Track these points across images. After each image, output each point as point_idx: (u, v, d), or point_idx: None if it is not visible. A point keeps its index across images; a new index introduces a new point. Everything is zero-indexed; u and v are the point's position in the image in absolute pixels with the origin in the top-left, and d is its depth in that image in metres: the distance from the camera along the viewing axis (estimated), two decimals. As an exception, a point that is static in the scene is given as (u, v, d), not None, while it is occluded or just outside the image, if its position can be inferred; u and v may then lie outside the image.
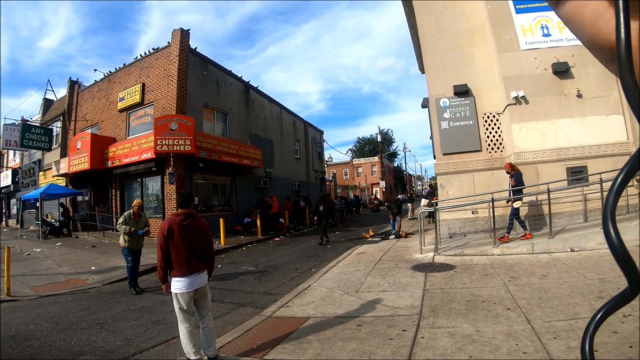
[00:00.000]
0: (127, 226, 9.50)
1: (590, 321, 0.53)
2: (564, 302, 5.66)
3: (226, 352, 5.13)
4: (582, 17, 0.52)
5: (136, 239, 9.75)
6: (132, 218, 9.75)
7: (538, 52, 11.73)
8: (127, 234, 9.54)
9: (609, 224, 0.47)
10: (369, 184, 67.35)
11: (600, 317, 0.53)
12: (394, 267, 9.51)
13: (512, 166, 10.76)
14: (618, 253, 0.47)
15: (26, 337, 6.45)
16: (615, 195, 0.47)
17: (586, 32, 0.53)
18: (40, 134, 25.69)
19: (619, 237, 0.46)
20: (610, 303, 0.53)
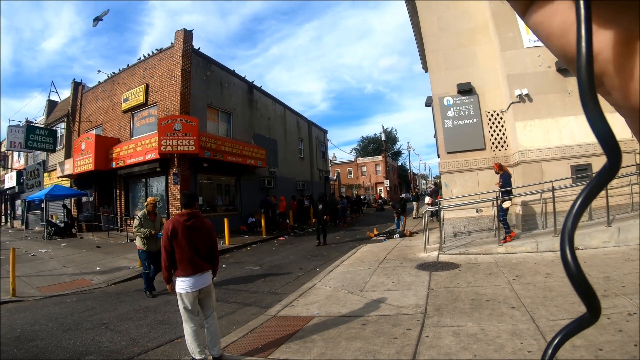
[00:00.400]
0: (145, 229, 8.99)
1: (548, 345, 0.52)
2: (569, 300, 5.64)
3: (231, 351, 5.14)
4: (550, 27, 0.50)
5: (155, 240, 9.05)
6: (147, 218, 9.21)
7: (541, 50, 11.67)
8: (142, 237, 9.02)
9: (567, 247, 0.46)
10: (373, 183, 67.25)
11: (558, 341, 0.52)
12: (398, 266, 9.50)
13: (500, 166, 10.86)
14: (574, 277, 0.46)
15: (31, 337, 6.48)
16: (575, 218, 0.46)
17: (556, 44, 0.51)
18: (44, 135, 25.76)
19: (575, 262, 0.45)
20: (568, 327, 0.52)
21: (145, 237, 9.01)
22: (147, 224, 9.12)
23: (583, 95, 0.43)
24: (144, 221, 9.12)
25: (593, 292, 0.46)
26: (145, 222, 9.12)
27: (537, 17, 0.51)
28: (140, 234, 8.99)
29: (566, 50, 0.50)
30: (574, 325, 0.51)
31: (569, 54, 0.50)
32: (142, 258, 9.16)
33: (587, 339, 4.22)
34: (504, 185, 10.56)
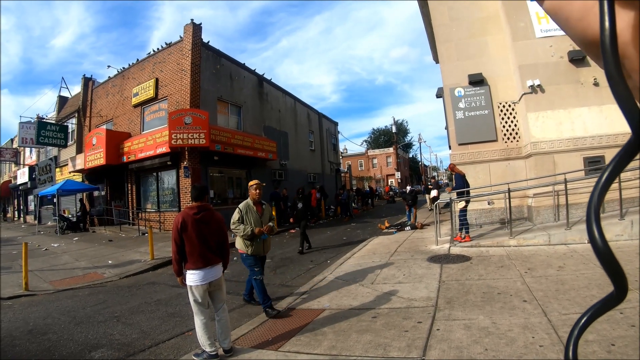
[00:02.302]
0: (248, 227, 6.58)
1: (574, 325, 0.51)
2: (581, 294, 5.60)
3: (241, 344, 5.15)
4: (570, 11, 0.49)
5: (262, 242, 6.83)
6: (252, 210, 6.83)
7: (553, 40, 11.56)
8: (242, 236, 6.66)
9: (593, 223, 0.44)
10: (384, 175, 67.25)
11: (585, 321, 0.51)
12: (409, 259, 9.47)
13: (452, 167, 11.50)
14: (602, 254, 0.44)
15: (44, 330, 6.54)
16: (600, 193, 0.44)
17: (574, 27, 0.50)
18: (55, 131, 25.97)
19: (603, 238, 0.43)
20: (595, 306, 0.50)
21: (249, 238, 6.61)
22: (251, 218, 6.76)
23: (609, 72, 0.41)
24: (247, 214, 6.79)
25: (621, 270, 0.44)
26: (250, 214, 6.79)
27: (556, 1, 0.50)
28: (240, 232, 6.61)
29: (586, 33, 0.48)
30: (600, 304, 0.49)
31: (588, 37, 0.48)
32: (248, 264, 6.79)
33: (600, 334, 4.18)
34: (455, 186, 10.73)
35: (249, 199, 7.03)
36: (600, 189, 0.44)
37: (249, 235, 6.56)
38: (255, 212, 6.85)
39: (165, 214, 19.53)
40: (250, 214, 6.79)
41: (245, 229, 6.57)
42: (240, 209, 6.82)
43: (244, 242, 6.72)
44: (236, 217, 6.74)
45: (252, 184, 7.06)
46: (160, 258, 12.18)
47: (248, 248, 6.70)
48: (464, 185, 10.86)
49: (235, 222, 6.70)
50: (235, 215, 6.76)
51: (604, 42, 0.42)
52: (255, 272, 6.69)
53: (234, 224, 6.70)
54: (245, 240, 6.68)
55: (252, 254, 6.69)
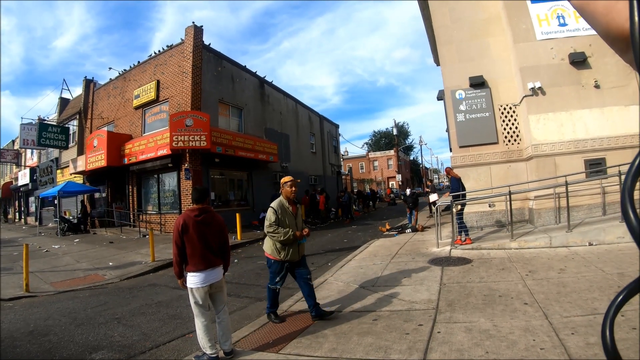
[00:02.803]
0: (289, 230, 5.92)
1: (610, 304, 0.51)
2: (583, 297, 5.59)
3: (242, 346, 5.14)
4: (596, 6, 0.51)
5: (297, 246, 6.15)
6: (287, 210, 6.13)
7: (554, 42, 11.58)
8: (282, 241, 5.90)
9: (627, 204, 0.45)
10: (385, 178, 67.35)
11: (620, 300, 0.51)
12: (410, 261, 9.46)
13: (448, 171, 11.58)
14: (637, 234, 0.44)
15: (45, 332, 6.54)
16: (634, 176, 0.45)
17: (600, 22, 0.51)
18: (57, 132, 26.03)
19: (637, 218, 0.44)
20: (630, 286, 0.50)
21: (286, 242, 5.93)
22: (287, 220, 6.05)
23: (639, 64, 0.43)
24: (282, 214, 6.05)
25: None
26: (284, 215, 6.06)
27: None
28: (280, 236, 5.86)
29: (611, 27, 0.50)
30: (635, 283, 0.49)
31: (613, 31, 0.50)
32: (273, 270, 6.13)
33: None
34: (453, 189, 10.78)
35: (281, 198, 6.29)
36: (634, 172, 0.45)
37: (290, 240, 5.91)
38: (291, 212, 6.19)
39: (166, 216, 19.56)
40: (286, 215, 6.09)
41: (287, 232, 5.88)
42: (275, 209, 6.05)
43: (276, 247, 6.02)
44: (272, 218, 5.96)
45: (287, 180, 6.38)
46: (161, 260, 12.19)
47: (280, 253, 6.00)
48: (459, 188, 10.89)
49: (272, 223, 5.94)
50: (271, 216, 5.99)
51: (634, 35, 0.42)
52: (275, 282, 6.09)
53: (270, 226, 5.94)
54: (277, 244, 5.99)
55: (284, 260, 6.02)
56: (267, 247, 6.18)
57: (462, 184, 11.09)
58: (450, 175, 11.45)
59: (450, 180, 11.49)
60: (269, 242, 6.13)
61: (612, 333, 0.52)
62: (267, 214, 6.13)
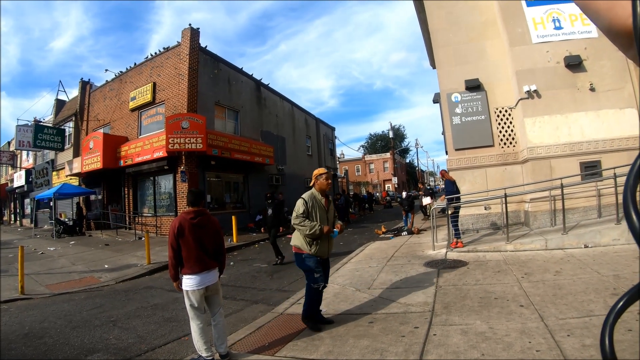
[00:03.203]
0: (316, 224, 5.56)
1: (610, 310, 0.51)
2: (578, 299, 5.60)
3: (238, 349, 5.13)
4: (599, 3, 0.51)
5: (328, 241, 5.92)
6: (318, 203, 5.82)
7: (550, 46, 11.61)
8: (308, 235, 5.58)
9: (629, 204, 0.45)
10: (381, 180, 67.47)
11: (621, 305, 0.51)
12: (406, 264, 9.47)
13: (443, 174, 11.65)
14: (638, 235, 0.44)
15: (40, 334, 6.52)
16: (636, 176, 0.45)
17: (603, 19, 0.52)
18: (52, 134, 25.94)
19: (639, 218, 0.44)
20: (631, 291, 0.50)
21: (312, 236, 5.59)
22: (318, 213, 5.76)
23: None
24: (313, 207, 5.74)
25: None
26: (315, 209, 5.75)
27: None
28: (306, 230, 5.54)
29: (613, 24, 0.51)
30: (635, 290, 0.49)
31: (616, 27, 0.50)
32: (308, 266, 5.67)
33: (597, 338, 4.14)
34: (447, 192, 10.90)
35: (314, 190, 5.95)
36: (637, 172, 0.45)
37: (316, 235, 5.57)
38: (323, 205, 5.87)
39: (162, 219, 19.53)
40: (317, 208, 5.76)
41: (313, 226, 5.52)
42: (305, 201, 5.71)
43: (306, 240, 5.67)
44: (301, 210, 5.63)
45: (322, 172, 6.02)
46: (157, 262, 12.16)
47: (311, 247, 5.63)
48: (453, 191, 10.92)
49: (299, 215, 5.60)
50: (300, 208, 5.66)
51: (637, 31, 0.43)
52: (315, 278, 5.60)
53: (297, 217, 5.60)
54: (307, 238, 5.65)
55: (315, 255, 5.65)
56: (296, 240, 5.79)
57: (456, 187, 11.12)
58: (444, 178, 11.48)
59: (444, 183, 11.52)
60: (299, 236, 5.76)
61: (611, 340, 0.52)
62: (296, 205, 5.77)
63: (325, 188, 5.93)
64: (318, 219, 5.67)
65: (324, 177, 5.93)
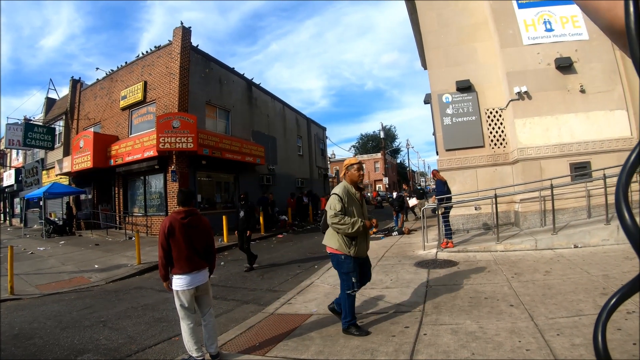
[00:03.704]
0: (353, 219, 5.10)
1: (602, 308, 0.52)
2: (568, 298, 5.63)
3: (228, 349, 5.12)
4: (599, 2, 0.52)
5: (366, 236, 5.48)
6: (353, 197, 5.37)
7: (541, 47, 11.68)
8: (351, 233, 5.12)
9: (621, 202, 0.45)
10: (372, 181, 67.44)
11: (614, 302, 0.52)
12: (397, 264, 9.49)
13: (434, 174, 11.74)
14: (631, 234, 0.44)
15: (30, 335, 6.47)
16: (628, 174, 0.45)
17: (604, 18, 0.53)
18: (43, 133, 25.72)
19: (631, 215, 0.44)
20: (624, 289, 0.51)
21: (354, 234, 5.15)
22: (352, 208, 5.29)
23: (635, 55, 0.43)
24: (349, 202, 5.27)
25: None
26: (351, 203, 5.30)
27: None
28: (347, 227, 5.05)
29: (614, 23, 0.51)
30: (629, 286, 0.49)
31: (616, 26, 0.51)
32: (346, 269, 5.23)
33: (586, 337, 4.21)
34: (438, 192, 11.01)
35: (345, 183, 5.44)
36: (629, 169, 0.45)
37: (358, 232, 5.13)
38: (357, 199, 5.42)
39: (153, 218, 19.44)
40: (353, 202, 5.29)
41: (355, 222, 5.05)
42: (340, 196, 5.19)
43: (344, 240, 5.16)
44: (338, 207, 5.11)
45: (353, 162, 5.51)
46: (147, 262, 12.11)
47: (350, 248, 5.16)
48: (444, 191, 10.96)
49: (337, 212, 5.08)
50: (337, 204, 5.14)
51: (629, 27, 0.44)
52: (352, 283, 5.20)
53: (335, 215, 5.08)
54: (346, 237, 5.16)
55: (354, 256, 5.21)
56: (332, 241, 5.28)
57: (447, 187, 11.16)
58: (436, 177, 11.51)
59: (435, 183, 11.56)
60: (334, 235, 5.25)
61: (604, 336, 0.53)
62: (329, 201, 5.29)
63: (356, 180, 5.46)
64: (355, 215, 5.23)
65: (355, 168, 5.46)
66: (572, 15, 11.63)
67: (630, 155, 0.46)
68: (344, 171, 5.52)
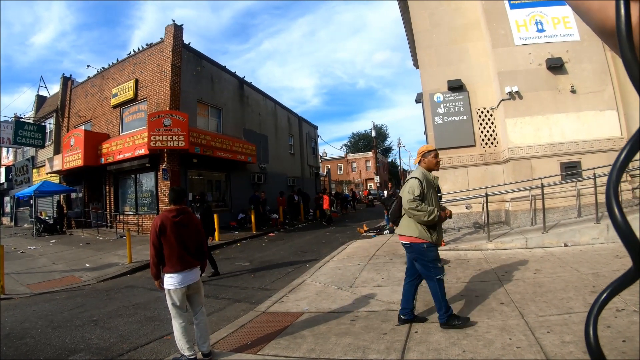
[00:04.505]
0: (431, 208, 4.97)
1: (594, 303, 0.53)
2: (558, 296, 5.67)
3: (220, 347, 5.12)
4: (590, 3, 0.53)
5: (441, 227, 5.41)
6: (432, 183, 5.23)
7: (532, 48, 11.73)
8: (426, 222, 4.96)
9: (612, 198, 0.46)
10: (364, 179, 67.63)
11: (605, 297, 0.53)
12: (388, 262, 9.51)
13: None
14: (621, 230, 0.45)
15: (21, 335, 6.43)
16: (619, 170, 0.46)
17: (595, 19, 0.53)
18: (33, 130, 25.53)
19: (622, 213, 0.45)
20: (614, 283, 0.52)
21: (430, 222, 4.97)
22: (431, 196, 5.18)
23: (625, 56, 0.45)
24: (428, 187, 5.13)
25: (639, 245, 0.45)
26: (430, 189, 5.17)
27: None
28: (424, 215, 4.90)
29: (605, 24, 0.52)
30: (619, 281, 0.51)
31: (607, 27, 0.52)
32: (431, 257, 5.07)
33: (576, 335, 4.25)
34: None
35: (422, 169, 5.24)
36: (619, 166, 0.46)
37: (434, 221, 4.95)
38: (435, 185, 5.31)
39: (144, 217, 19.37)
40: (431, 189, 5.13)
41: (432, 211, 4.89)
42: (420, 180, 5.03)
43: (424, 228, 4.99)
44: (417, 191, 4.95)
45: (429, 149, 5.29)
46: (139, 261, 12.06)
47: (432, 235, 5.00)
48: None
49: (416, 197, 4.92)
50: (416, 189, 4.97)
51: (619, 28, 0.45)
52: (439, 268, 5.03)
53: (414, 200, 4.91)
54: (424, 225, 4.99)
55: (436, 243, 5.08)
56: (411, 229, 5.06)
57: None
58: None
59: None
60: (412, 223, 5.05)
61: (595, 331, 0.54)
62: (408, 186, 5.08)
63: (433, 168, 5.25)
64: (433, 203, 5.08)
65: (432, 155, 5.23)
66: (563, 16, 11.70)
67: (621, 153, 0.48)
68: (420, 158, 5.32)
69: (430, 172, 5.25)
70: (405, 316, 5.25)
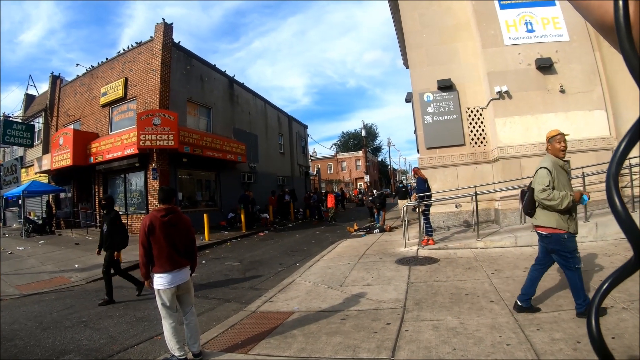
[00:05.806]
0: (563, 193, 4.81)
1: (595, 293, 0.53)
2: (547, 294, 5.71)
3: (211, 347, 5.10)
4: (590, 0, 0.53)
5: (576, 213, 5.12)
6: (561, 169, 5.09)
7: (522, 48, 11.81)
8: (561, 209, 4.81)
9: (612, 190, 0.47)
10: (353, 179, 67.69)
11: (606, 287, 0.53)
12: (378, 261, 9.52)
13: (415, 171, 11.88)
14: (622, 220, 0.46)
15: (10, 336, 6.37)
16: (618, 162, 0.47)
17: (595, 15, 0.54)
18: (21, 130, 25.32)
19: (623, 205, 0.46)
20: (615, 274, 0.52)
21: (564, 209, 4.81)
22: (562, 181, 5.02)
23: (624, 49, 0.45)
24: (558, 174, 5.00)
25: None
26: (560, 175, 5.01)
27: None
28: (556, 203, 4.80)
29: (604, 20, 0.53)
30: (620, 271, 0.51)
31: (607, 23, 0.52)
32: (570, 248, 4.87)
33: (566, 332, 4.28)
34: (419, 190, 11.17)
35: (550, 156, 5.12)
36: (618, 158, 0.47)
37: (569, 206, 4.79)
38: (567, 170, 5.12)
39: (133, 217, 19.26)
40: (561, 174, 4.98)
41: (565, 196, 4.73)
42: (549, 169, 4.91)
43: (560, 217, 4.84)
44: (546, 181, 4.84)
45: (555, 133, 5.13)
46: (128, 262, 11.97)
47: (569, 224, 4.84)
48: (425, 189, 11.05)
49: (545, 187, 4.82)
50: (545, 178, 4.87)
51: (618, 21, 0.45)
52: (577, 258, 4.84)
53: (544, 190, 4.83)
54: (562, 214, 4.84)
55: (574, 232, 4.89)
56: (550, 220, 4.93)
57: (428, 185, 11.25)
58: (417, 175, 11.59)
59: (416, 181, 11.65)
60: (549, 213, 4.93)
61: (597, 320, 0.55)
62: (537, 176, 5.01)
63: (558, 155, 5.09)
64: (565, 189, 4.92)
65: (557, 140, 5.08)
66: (553, 16, 11.78)
67: (619, 145, 0.48)
68: (547, 144, 5.25)
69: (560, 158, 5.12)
70: (523, 303, 5.14)
